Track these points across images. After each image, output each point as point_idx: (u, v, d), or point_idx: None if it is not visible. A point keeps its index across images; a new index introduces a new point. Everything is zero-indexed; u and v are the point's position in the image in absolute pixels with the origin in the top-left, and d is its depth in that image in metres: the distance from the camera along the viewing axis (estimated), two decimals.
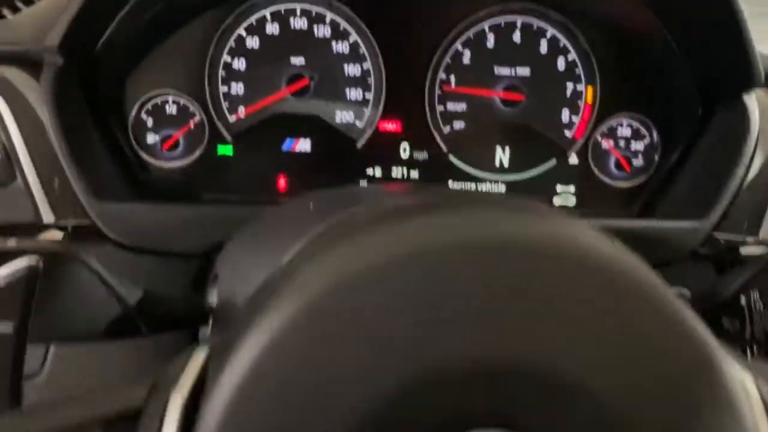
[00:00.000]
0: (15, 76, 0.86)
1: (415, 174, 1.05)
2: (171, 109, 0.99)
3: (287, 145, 1.02)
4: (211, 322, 0.69)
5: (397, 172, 1.05)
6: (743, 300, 0.62)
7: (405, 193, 0.64)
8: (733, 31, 0.86)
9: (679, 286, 0.97)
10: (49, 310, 0.74)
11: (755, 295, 0.60)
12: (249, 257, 0.70)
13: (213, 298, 0.70)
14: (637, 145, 1.05)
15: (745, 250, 0.95)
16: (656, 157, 1.05)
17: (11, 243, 0.67)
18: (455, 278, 0.35)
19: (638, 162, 1.05)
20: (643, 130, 1.05)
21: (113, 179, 0.93)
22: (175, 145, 1.00)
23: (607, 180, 1.06)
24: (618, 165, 1.05)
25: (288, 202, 0.78)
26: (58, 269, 0.73)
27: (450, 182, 1.05)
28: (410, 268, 0.34)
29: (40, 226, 0.87)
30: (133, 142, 0.99)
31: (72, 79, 0.88)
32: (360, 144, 1.03)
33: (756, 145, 0.94)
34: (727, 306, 0.63)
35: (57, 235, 0.89)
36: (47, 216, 0.87)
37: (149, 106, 0.99)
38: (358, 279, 0.34)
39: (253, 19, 0.99)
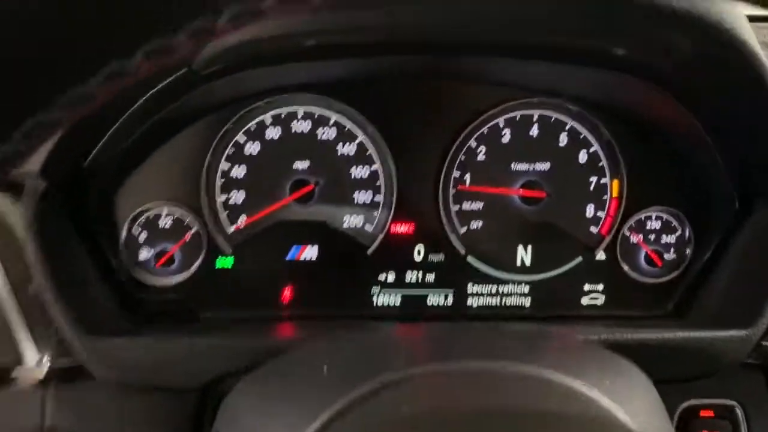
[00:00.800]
0: None
1: (431, 278, 0.97)
2: (165, 222, 0.92)
3: (292, 254, 0.95)
4: None
5: (411, 276, 0.97)
6: None
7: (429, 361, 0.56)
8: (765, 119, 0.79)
9: (728, 400, 0.89)
10: None
11: None
12: (257, 423, 0.61)
13: None
14: (669, 239, 0.98)
15: None
16: (689, 252, 0.97)
17: None
18: None
19: (670, 256, 0.98)
20: (675, 223, 0.98)
21: (104, 306, 0.85)
22: (171, 260, 0.92)
23: (637, 276, 0.98)
24: (648, 260, 0.98)
25: (296, 354, 0.69)
26: None
27: (469, 285, 0.98)
28: None
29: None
30: (125, 260, 0.91)
31: (56, 202, 0.81)
32: (371, 249, 0.95)
33: None
34: None
35: (38, 374, 0.81)
36: (30, 357, 0.79)
37: (141, 220, 0.91)
38: None
39: (252, 123, 0.92)
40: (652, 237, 0.98)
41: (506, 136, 0.96)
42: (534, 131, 0.96)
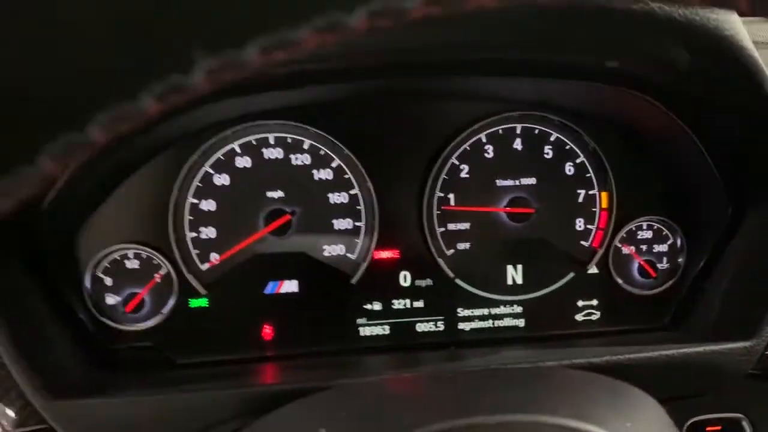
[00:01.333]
0: None
1: (419, 304, 0.92)
2: (132, 264, 0.85)
3: (270, 288, 0.89)
4: None
5: (398, 304, 0.92)
6: None
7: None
8: (764, 125, 0.77)
9: (735, 413, 0.86)
10: None
11: None
12: None
13: None
14: (661, 248, 0.95)
15: None
16: (681, 260, 0.94)
17: None
18: None
19: (663, 266, 0.95)
20: (666, 231, 0.94)
21: (70, 364, 0.78)
22: (141, 304, 0.86)
23: (631, 289, 0.95)
24: (642, 271, 0.95)
25: (283, 414, 0.64)
26: None
27: (460, 309, 0.93)
28: None
29: None
30: (91, 308, 0.84)
31: (11, 249, 0.74)
32: (355, 279, 0.90)
33: None
34: None
35: None
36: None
37: (106, 263, 0.85)
38: None
39: (220, 153, 0.86)
40: (644, 247, 0.95)
41: (489, 152, 0.91)
42: (518, 145, 0.92)
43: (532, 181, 0.92)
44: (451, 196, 0.91)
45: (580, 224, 0.93)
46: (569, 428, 0.46)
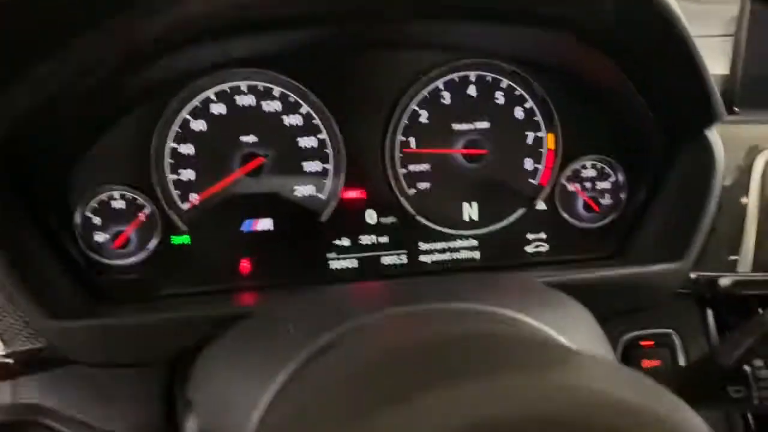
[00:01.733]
0: None
1: (384, 240, 1.01)
2: (118, 204, 0.93)
3: (247, 226, 0.97)
4: None
5: (365, 240, 1.01)
6: (747, 368, 0.61)
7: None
8: (690, 70, 0.85)
9: (665, 329, 0.97)
10: None
11: (758, 362, 0.59)
12: (227, 384, 0.64)
13: (192, 428, 0.65)
14: (604, 185, 1.04)
15: (726, 282, 0.95)
16: (623, 196, 1.04)
17: None
18: None
19: (606, 201, 1.05)
20: (608, 170, 1.04)
21: (63, 290, 0.86)
22: (127, 241, 0.94)
23: (576, 222, 1.05)
24: (586, 206, 1.04)
25: (260, 317, 0.72)
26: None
27: (421, 243, 1.02)
28: None
29: None
30: (82, 244, 0.92)
31: (3, 184, 0.81)
32: (324, 217, 0.98)
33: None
34: (730, 374, 0.62)
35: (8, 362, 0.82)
36: None
37: (95, 203, 0.92)
38: None
39: (197, 101, 0.93)
40: (588, 184, 1.04)
41: (446, 98, 0.99)
42: (472, 91, 1.00)
43: (485, 125, 1.00)
44: (412, 139, 1.00)
45: (529, 164, 1.02)
46: (492, 314, 0.55)
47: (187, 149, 0.94)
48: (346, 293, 0.77)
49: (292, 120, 0.96)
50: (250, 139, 0.95)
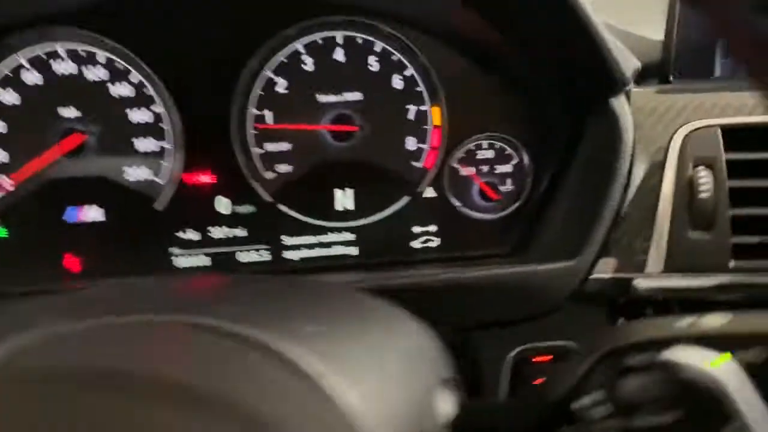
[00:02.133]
0: None
1: (240, 232, 0.86)
2: None
3: (71, 216, 0.83)
4: None
5: (217, 232, 0.86)
6: (576, 405, 0.44)
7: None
8: (582, 34, 0.70)
9: (564, 340, 0.80)
10: None
11: (585, 400, 0.42)
12: None
13: None
14: (504, 168, 0.88)
15: (640, 285, 0.78)
16: (528, 182, 0.87)
17: None
18: None
19: (507, 188, 0.88)
20: (509, 151, 0.87)
21: None
22: None
23: (471, 213, 0.88)
24: (482, 194, 0.88)
25: None
26: None
27: (284, 237, 0.87)
28: None
29: None
30: None
31: None
32: (160, 205, 0.83)
33: (633, 157, 0.77)
34: (557, 413, 0.45)
35: None
36: None
37: None
38: None
39: (5, 69, 0.79)
40: (486, 168, 0.87)
41: (309, 64, 0.84)
42: (339, 56, 0.84)
43: (356, 96, 0.84)
44: (268, 113, 0.84)
45: (411, 143, 0.86)
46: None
47: None
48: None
49: (121, 90, 0.82)
50: (71, 113, 0.81)
